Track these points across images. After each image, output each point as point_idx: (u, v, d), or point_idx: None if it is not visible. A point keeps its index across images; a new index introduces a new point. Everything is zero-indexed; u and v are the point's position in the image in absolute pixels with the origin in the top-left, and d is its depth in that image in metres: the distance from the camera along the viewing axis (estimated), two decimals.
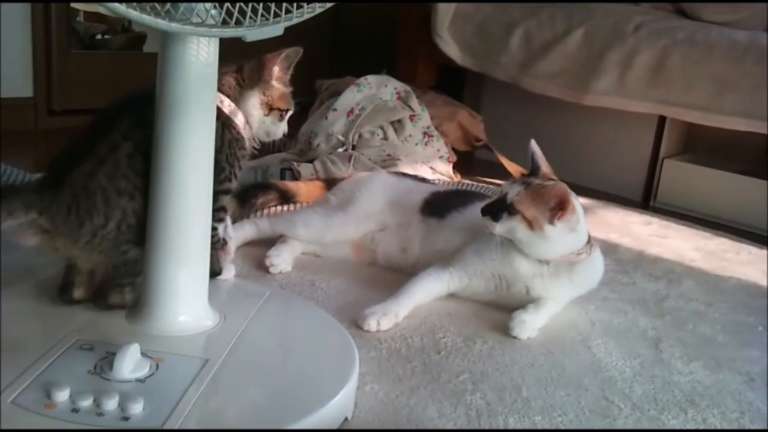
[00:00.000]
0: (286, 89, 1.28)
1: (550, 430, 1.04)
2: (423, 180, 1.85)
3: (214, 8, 0.87)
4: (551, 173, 1.40)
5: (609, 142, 2.62)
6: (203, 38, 0.95)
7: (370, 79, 2.43)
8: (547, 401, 1.11)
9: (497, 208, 1.33)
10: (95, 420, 0.83)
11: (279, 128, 1.28)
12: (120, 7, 0.77)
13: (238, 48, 0.94)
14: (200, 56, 0.96)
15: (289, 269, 1.52)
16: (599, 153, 2.63)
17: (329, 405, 0.95)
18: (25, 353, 0.94)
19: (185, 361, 0.97)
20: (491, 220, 1.33)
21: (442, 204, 1.55)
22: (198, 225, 1.04)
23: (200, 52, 0.96)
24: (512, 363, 1.22)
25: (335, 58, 3.43)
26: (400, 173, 1.86)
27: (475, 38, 2.71)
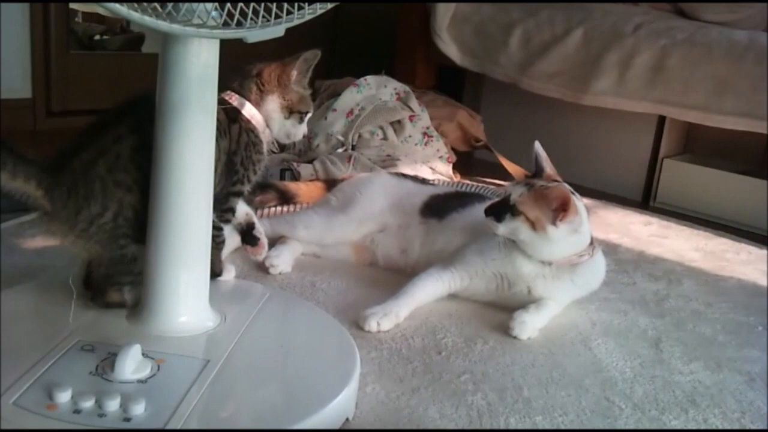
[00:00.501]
0: (305, 92, 1.29)
1: (551, 430, 1.05)
2: (423, 181, 1.85)
3: (215, 10, 0.87)
4: (555, 174, 1.40)
5: (608, 142, 2.62)
6: (204, 40, 0.95)
7: (370, 79, 2.43)
8: (548, 401, 1.11)
9: (500, 208, 1.33)
10: (97, 421, 0.84)
11: (299, 130, 1.30)
12: (122, 9, 0.77)
13: (238, 48, 0.94)
14: (201, 58, 0.97)
15: (289, 270, 1.53)
16: (599, 153, 2.62)
17: (330, 406, 0.95)
18: (27, 354, 0.94)
19: (186, 362, 0.97)
20: (494, 221, 1.33)
21: (442, 205, 1.55)
22: (199, 226, 1.04)
23: (201, 54, 0.96)
24: (513, 363, 1.22)
25: (335, 59, 3.43)
26: (400, 174, 1.86)
27: (475, 39, 2.70)
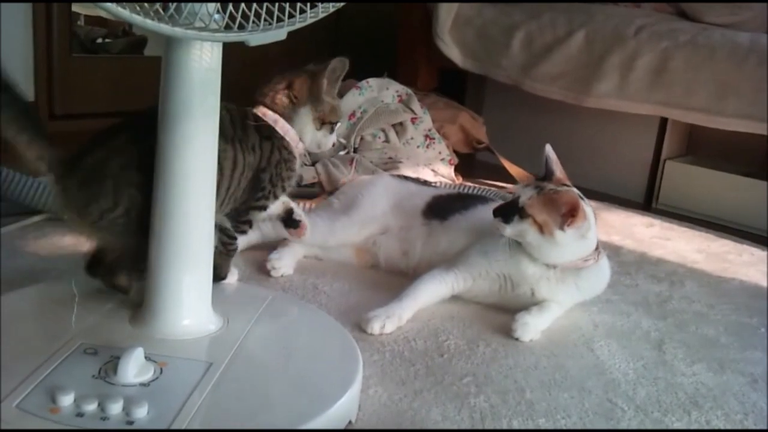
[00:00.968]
0: (335, 102, 1.27)
1: (554, 431, 1.05)
2: (425, 183, 1.85)
3: (218, 13, 0.87)
4: (565, 178, 1.39)
5: (611, 144, 2.62)
6: (206, 43, 0.95)
7: (372, 82, 2.43)
8: (550, 403, 1.11)
9: (509, 210, 1.33)
10: (100, 424, 0.84)
11: (330, 140, 1.29)
12: (123, 12, 0.77)
13: (239, 49, 0.94)
14: (203, 61, 0.97)
15: (291, 273, 1.53)
16: (601, 155, 2.62)
17: (333, 408, 0.95)
18: (30, 358, 0.94)
19: (189, 365, 0.98)
20: (502, 222, 1.33)
21: (444, 207, 1.55)
22: (201, 229, 1.05)
23: (203, 57, 0.96)
24: (515, 365, 1.22)
25: None
26: (402, 176, 1.86)
27: (477, 41, 2.70)
